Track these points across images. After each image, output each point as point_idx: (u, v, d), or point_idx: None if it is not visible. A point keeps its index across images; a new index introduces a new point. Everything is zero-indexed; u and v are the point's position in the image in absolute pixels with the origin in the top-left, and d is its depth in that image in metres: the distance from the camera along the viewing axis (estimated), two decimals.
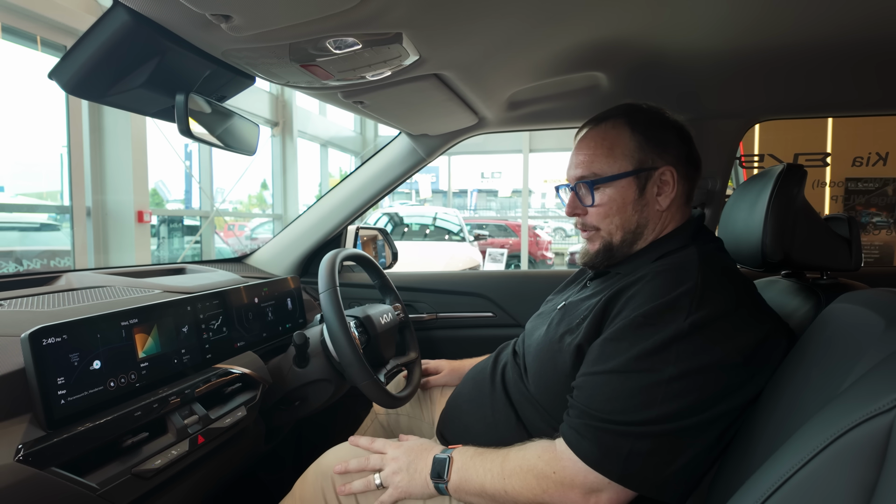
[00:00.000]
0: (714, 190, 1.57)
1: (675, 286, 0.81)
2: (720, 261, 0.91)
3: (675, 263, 0.88)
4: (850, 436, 0.48)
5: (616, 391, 0.78)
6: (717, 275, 0.85)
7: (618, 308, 0.85)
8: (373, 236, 1.96)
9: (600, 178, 0.95)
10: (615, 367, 0.79)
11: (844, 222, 1.02)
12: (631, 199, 0.94)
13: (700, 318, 0.77)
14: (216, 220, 7.75)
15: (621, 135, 0.96)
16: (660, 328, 0.78)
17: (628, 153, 0.94)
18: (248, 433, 1.09)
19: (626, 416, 0.76)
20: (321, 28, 0.78)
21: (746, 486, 0.57)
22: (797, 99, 1.40)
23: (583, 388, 0.82)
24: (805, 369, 0.75)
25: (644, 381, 0.76)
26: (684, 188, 0.97)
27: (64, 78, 0.82)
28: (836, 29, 0.96)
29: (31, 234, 5.13)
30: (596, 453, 0.76)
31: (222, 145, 1.06)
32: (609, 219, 0.95)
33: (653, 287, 0.83)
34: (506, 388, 1.03)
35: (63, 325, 0.77)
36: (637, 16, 0.93)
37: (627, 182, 0.94)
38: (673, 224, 0.97)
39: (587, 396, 0.80)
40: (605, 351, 0.82)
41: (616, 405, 0.77)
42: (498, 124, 1.57)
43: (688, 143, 0.98)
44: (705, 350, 0.76)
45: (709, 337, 0.77)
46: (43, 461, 0.69)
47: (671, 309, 0.79)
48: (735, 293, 0.83)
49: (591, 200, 0.96)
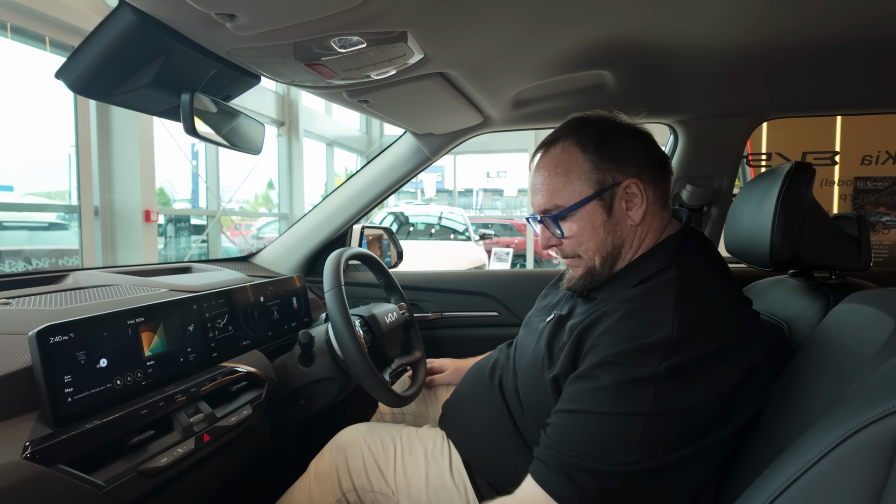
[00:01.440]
0: (721, 189, 1.57)
1: (649, 330, 0.76)
2: (704, 285, 0.83)
3: (653, 293, 0.82)
4: (858, 437, 0.48)
5: (589, 432, 0.74)
6: (698, 310, 0.78)
7: (590, 342, 0.81)
8: (378, 235, 1.96)
9: (564, 210, 0.90)
10: (587, 407, 0.75)
11: (853, 221, 1.01)
12: (600, 221, 0.89)
13: (676, 364, 0.73)
14: (223, 219, 7.79)
15: (573, 158, 0.90)
16: (633, 370, 0.74)
17: (584, 176, 0.89)
18: (253, 431, 1.09)
19: (598, 457, 0.72)
20: (326, 27, 0.78)
21: (753, 487, 0.56)
22: (805, 97, 1.39)
23: (556, 425, 0.78)
24: (813, 370, 0.74)
25: (617, 423, 0.73)
26: (656, 194, 0.91)
27: (70, 77, 0.83)
28: (844, 25, 0.95)
29: (39, 233, 5.18)
30: (565, 489, 0.72)
31: (228, 144, 1.06)
32: (584, 246, 0.91)
33: (626, 327, 0.78)
34: (503, 395, 1.02)
35: (70, 324, 0.77)
36: (643, 14, 0.92)
37: (592, 206, 0.89)
38: (651, 236, 0.91)
39: (560, 434, 0.77)
40: (578, 389, 0.78)
41: (589, 447, 0.73)
42: (503, 123, 1.57)
43: (647, 145, 0.92)
44: (682, 393, 0.72)
45: (685, 381, 0.73)
46: (50, 458, 0.69)
47: (644, 353, 0.74)
48: (715, 331, 0.77)
49: (560, 233, 0.92)
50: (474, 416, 1.05)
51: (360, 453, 1.07)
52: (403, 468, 1.04)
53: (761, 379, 0.77)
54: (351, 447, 1.09)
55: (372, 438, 1.09)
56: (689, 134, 1.56)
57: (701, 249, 0.91)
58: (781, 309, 1.01)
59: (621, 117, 0.95)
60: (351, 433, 1.13)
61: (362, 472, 1.05)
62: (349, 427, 1.15)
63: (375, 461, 1.06)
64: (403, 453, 1.06)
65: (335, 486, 1.06)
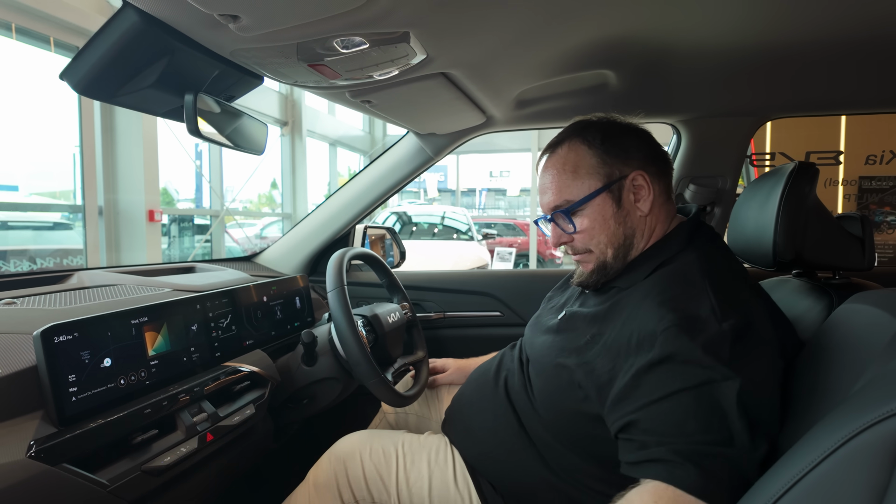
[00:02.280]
0: (724, 188, 1.56)
1: (688, 301, 0.77)
2: (723, 263, 0.87)
3: (677, 272, 0.84)
4: (862, 437, 0.47)
5: (690, 410, 0.70)
6: (725, 279, 0.81)
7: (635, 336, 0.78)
8: (381, 235, 1.96)
9: (574, 204, 0.92)
10: (676, 387, 0.71)
11: (857, 221, 1.01)
12: (611, 213, 0.91)
13: (733, 325, 0.73)
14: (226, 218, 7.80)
15: (580, 154, 0.93)
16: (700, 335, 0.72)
17: (593, 170, 0.92)
18: (256, 431, 1.10)
19: (712, 434, 0.68)
20: (328, 27, 0.78)
21: (757, 487, 0.56)
22: (809, 96, 1.38)
23: (648, 419, 0.73)
24: (817, 370, 0.74)
25: (715, 390, 0.69)
26: (660, 187, 0.94)
27: (75, 78, 0.83)
28: (848, 26, 0.95)
29: (44, 232, 5.20)
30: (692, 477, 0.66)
31: (231, 145, 1.06)
32: (596, 239, 0.92)
33: (662, 302, 0.78)
34: (509, 396, 1.02)
35: (74, 323, 0.78)
36: (646, 13, 0.92)
37: (602, 199, 0.91)
38: (661, 226, 0.94)
39: (660, 425, 0.72)
40: (653, 377, 0.74)
41: (696, 426, 0.69)
42: (506, 123, 1.57)
43: (649, 142, 0.96)
44: (753, 345, 0.73)
45: (748, 338, 0.73)
46: (54, 457, 0.69)
47: (698, 321, 0.74)
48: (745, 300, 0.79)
49: (572, 227, 0.94)
50: (479, 419, 1.05)
51: (359, 464, 1.05)
52: (406, 477, 1.03)
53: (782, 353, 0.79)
54: (350, 458, 1.07)
55: (373, 447, 1.08)
56: (692, 134, 1.56)
57: (712, 239, 0.93)
58: (785, 309, 1.00)
59: (617, 118, 0.98)
60: (349, 443, 1.10)
61: (362, 483, 1.04)
62: (347, 436, 1.13)
63: (377, 471, 1.04)
64: (405, 461, 1.05)
65: (335, 497, 1.05)
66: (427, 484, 1.01)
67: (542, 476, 0.92)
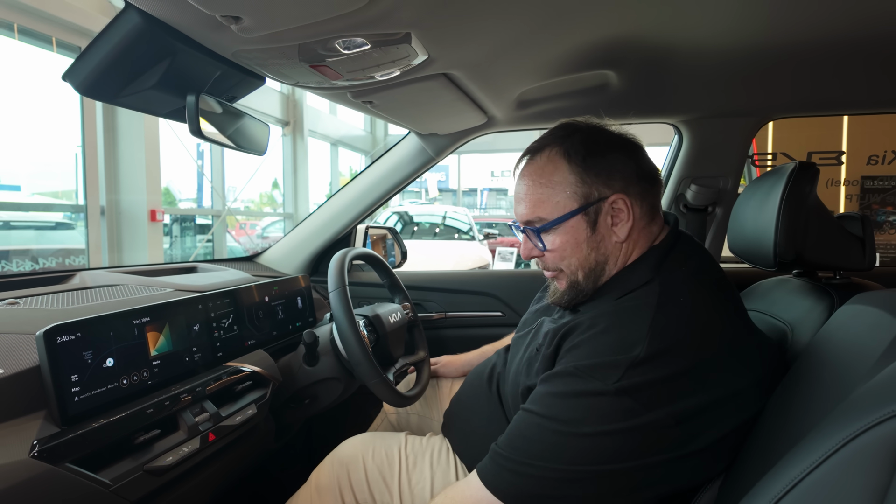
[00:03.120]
0: (726, 189, 1.56)
1: (619, 348, 0.74)
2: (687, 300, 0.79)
3: (631, 310, 0.79)
4: (862, 439, 0.47)
5: (530, 432, 0.76)
6: (677, 326, 0.75)
7: (563, 351, 0.81)
8: (382, 235, 1.96)
9: (546, 224, 0.86)
10: (535, 409, 0.78)
11: (858, 221, 1.01)
12: (583, 237, 0.85)
13: (631, 384, 0.71)
14: (228, 218, 7.81)
15: (559, 169, 0.86)
16: (585, 383, 0.73)
17: (570, 190, 0.85)
18: (258, 431, 1.10)
19: (530, 457, 0.74)
20: (330, 28, 0.78)
21: (757, 489, 0.56)
22: (811, 96, 1.38)
23: (513, 420, 0.82)
24: (817, 371, 0.74)
25: (555, 429, 0.74)
26: (643, 209, 0.86)
27: (77, 79, 0.84)
28: (850, 25, 0.95)
29: (46, 232, 5.21)
30: (497, 481, 0.76)
31: (233, 145, 1.06)
32: (566, 261, 0.87)
33: (598, 343, 0.77)
34: (502, 402, 1.02)
35: (77, 324, 0.78)
36: (647, 13, 0.92)
37: (576, 221, 0.85)
38: (638, 251, 0.87)
39: (509, 430, 0.80)
40: (537, 390, 0.80)
41: (525, 445, 0.76)
42: (507, 123, 1.57)
43: (637, 158, 0.87)
44: (629, 413, 0.70)
45: (638, 401, 0.70)
46: (57, 457, 0.70)
47: (604, 369, 0.73)
48: (690, 350, 0.73)
49: (542, 245, 0.89)
50: (475, 424, 1.05)
51: (362, 467, 1.06)
52: (408, 478, 1.03)
53: (738, 407, 0.75)
54: (353, 461, 1.07)
55: (375, 450, 1.08)
56: (693, 134, 1.55)
57: (686, 259, 0.86)
58: (785, 309, 1.00)
59: (611, 126, 0.91)
60: (352, 446, 1.11)
61: (365, 486, 1.04)
62: (349, 440, 1.13)
63: (379, 473, 1.05)
64: (408, 463, 1.05)
65: (337, 500, 1.05)
66: (429, 485, 1.02)
67: None
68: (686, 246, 0.89)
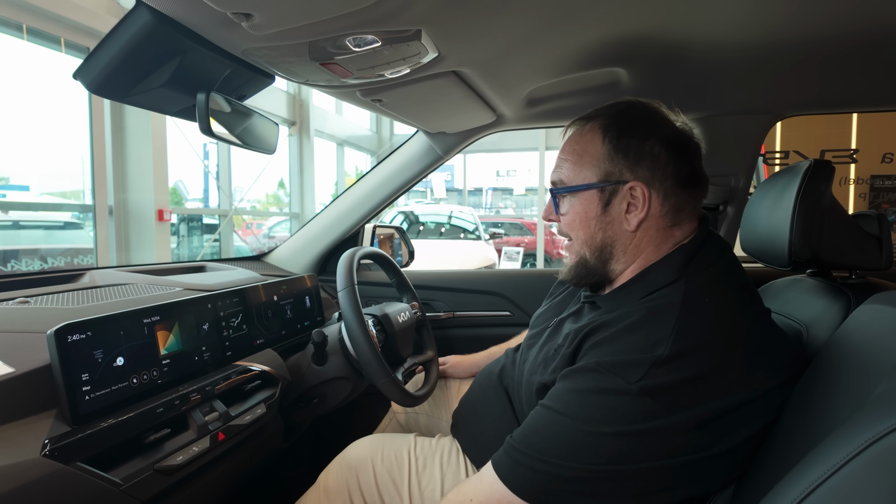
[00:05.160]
0: (737, 187, 1.55)
1: (644, 347, 0.73)
2: (713, 302, 0.77)
3: (656, 311, 0.77)
4: (884, 441, 0.46)
5: (548, 429, 0.75)
6: (703, 327, 0.74)
7: (585, 349, 0.80)
8: (389, 234, 1.96)
9: (563, 188, 0.88)
10: (554, 405, 0.76)
11: (874, 220, 1.00)
12: (594, 213, 0.85)
13: (654, 384, 0.69)
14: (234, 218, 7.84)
15: (593, 141, 0.86)
16: (607, 381, 0.72)
17: (596, 162, 0.85)
18: (267, 430, 1.10)
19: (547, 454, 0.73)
20: (341, 26, 0.78)
21: (776, 490, 0.55)
22: (824, 94, 1.36)
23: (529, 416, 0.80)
24: (836, 372, 0.72)
25: (574, 427, 0.72)
26: (665, 208, 0.83)
27: (88, 78, 0.84)
28: (864, 22, 0.94)
29: (55, 232, 5.25)
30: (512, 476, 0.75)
31: (242, 144, 1.06)
32: (575, 231, 0.88)
33: (623, 341, 0.75)
34: (512, 403, 1.01)
35: (87, 322, 0.78)
36: (658, 10, 0.91)
37: (590, 195, 0.85)
38: (652, 249, 0.85)
39: (526, 424, 0.79)
40: (557, 386, 0.79)
41: (542, 442, 0.74)
42: (516, 121, 1.56)
43: (679, 155, 0.84)
44: (651, 415, 0.69)
45: (660, 402, 0.69)
46: (68, 456, 0.70)
47: (627, 367, 0.72)
48: (716, 352, 0.72)
49: (557, 209, 0.90)
50: (484, 426, 1.04)
51: (371, 470, 1.04)
52: (418, 481, 1.02)
53: (762, 411, 0.73)
54: (362, 465, 1.06)
55: (384, 453, 1.07)
56: (704, 131, 1.54)
57: (716, 259, 0.84)
58: (799, 309, 0.99)
59: (671, 117, 0.88)
60: (360, 449, 1.09)
61: (374, 489, 1.03)
62: (357, 442, 1.12)
63: (389, 476, 1.03)
64: (417, 466, 1.04)
65: (346, 503, 1.04)
66: (440, 487, 1.01)
67: None
68: (715, 247, 0.86)
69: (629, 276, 0.86)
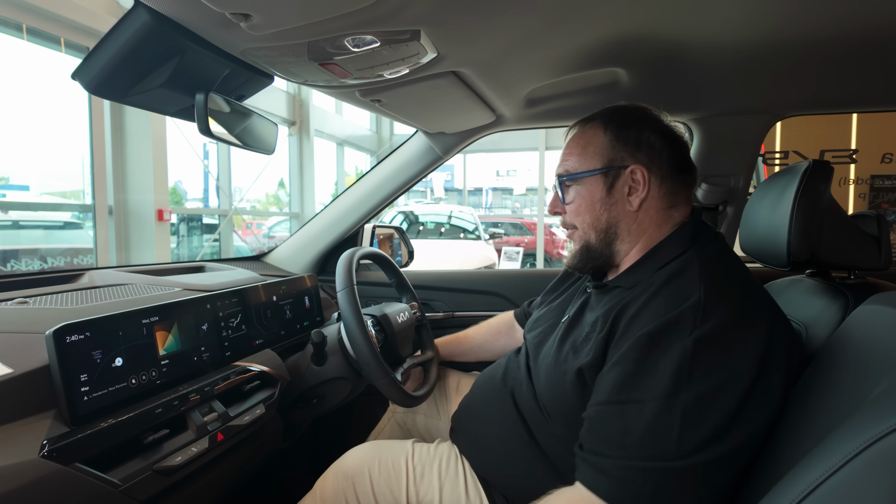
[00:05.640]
0: (736, 188, 1.55)
1: (677, 302, 0.77)
2: (720, 265, 0.85)
3: (677, 272, 0.84)
4: (883, 442, 0.46)
5: (631, 423, 0.73)
6: (722, 283, 0.80)
7: (622, 328, 0.81)
8: (389, 235, 1.96)
9: (569, 175, 0.95)
10: (627, 396, 0.74)
11: (873, 220, 1.00)
12: (599, 196, 0.93)
13: (705, 333, 0.73)
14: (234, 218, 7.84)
15: (595, 134, 0.95)
16: (666, 348, 0.74)
17: (599, 151, 0.93)
18: (266, 431, 1.10)
19: (646, 450, 0.71)
20: (339, 26, 0.78)
21: (775, 492, 0.55)
22: (824, 94, 1.36)
23: (595, 419, 0.77)
24: (835, 372, 0.72)
25: (659, 410, 0.71)
26: (663, 189, 0.91)
27: (86, 78, 0.84)
28: (865, 21, 0.94)
29: (55, 232, 5.24)
30: (620, 492, 0.70)
31: (241, 144, 1.06)
32: (581, 217, 0.95)
33: (656, 304, 0.79)
34: (517, 405, 1.00)
35: (86, 323, 0.78)
36: (657, 10, 0.91)
37: (595, 179, 0.93)
38: (654, 229, 0.92)
39: (601, 429, 0.76)
40: (615, 378, 0.77)
41: (633, 438, 0.72)
42: (515, 122, 1.56)
43: (672, 144, 0.93)
44: (716, 368, 0.72)
45: (717, 351, 0.73)
46: (67, 457, 0.69)
47: (676, 325, 0.75)
48: (741, 301, 0.78)
49: (562, 198, 0.97)
50: (486, 430, 1.02)
51: (367, 479, 1.03)
52: (416, 490, 1.00)
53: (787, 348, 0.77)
54: (358, 473, 1.04)
55: (381, 462, 1.05)
56: (704, 132, 1.54)
57: (714, 239, 0.92)
58: (799, 309, 0.99)
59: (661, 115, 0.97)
60: (356, 457, 1.07)
61: (371, 498, 1.01)
62: (353, 450, 1.10)
63: (386, 486, 1.02)
64: (415, 474, 1.02)
65: None
66: (438, 496, 0.99)
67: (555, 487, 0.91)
68: (710, 230, 0.94)
69: (636, 255, 0.92)
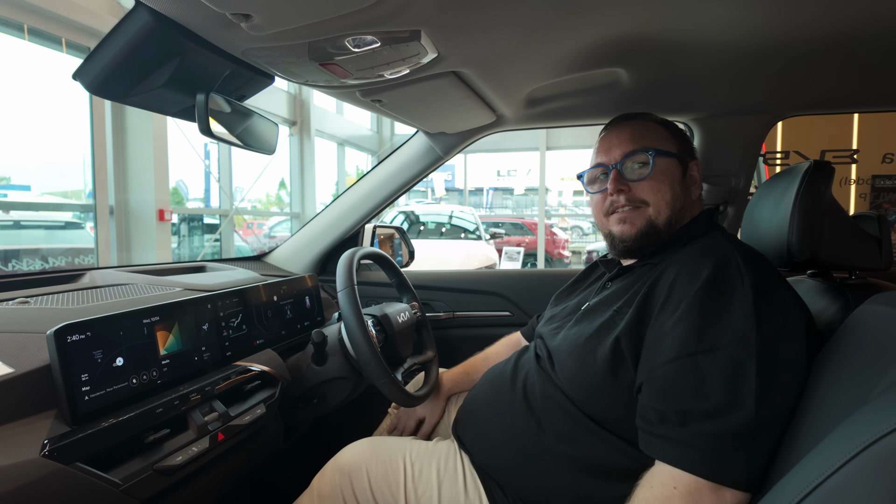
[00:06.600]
0: (737, 188, 1.54)
1: (719, 262, 0.82)
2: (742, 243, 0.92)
3: (706, 243, 0.90)
4: (883, 443, 0.46)
5: (705, 373, 0.72)
6: (748, 251, 0.87)
7: (664, 294, 0.82)
8: (390, 235, 1.96)
9: (654, 150, 0.96)
10: (697, 348, 0.74)
11: (874, 220, 0.99)
12: (678, 178, 0.98)
13: (755, 282, 0.77)
14: (235, 218, 7.84)
15: (656, 128, 1.01)
16: (729, 298, 0.76)
17: (672, 139, 1.00)
18: (266, 430, 1.10)
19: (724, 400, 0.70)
20: (340, 26, 0.78)
21: (776, 490, 0.55)
22: (824, 94, 1.36)
23: (664, 377, 0.75)
24: (835, 372, 0.72)
25: (732, 354, 0.72)
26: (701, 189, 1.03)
27: (87, 78, 0.84)
28: (866, 21, 0.94)
29: (56, 232, 5.25)
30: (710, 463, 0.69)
31: (242, 144, 1.06)
32: (660, 194, 0.95)
33: (697, 266, 0.83)
34: (526, 395, 0.99)
35: (87, 323, 0.78)
36: (658, 11, 0.91)
37: (674, 162, 0.98)
38: (691, 216, 1.00)
39: (673, 385, 0.74)
40: (681, 335, 0.75)
41: (710, 387, 0.71)
42: (516, 122, 1.56)
43: None
44: (773, 304, 0.76)
45: (769, 295, 0.77)
46: (67, 456, 0.70)
47: (727, 279, 0.79)
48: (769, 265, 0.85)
49: (647, 171, 0.95)
50: (496, 422, 1.01)
51: (365, 476, 1.02)
52: (414, 488, 1.00)
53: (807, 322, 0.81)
54: (356, 470, 1.03)
55: (378, 458, 1.04)
56: (705, 132, 1.54)
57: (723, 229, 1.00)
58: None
59: None
60: (354, 453, 1.06)
61: (369, 495, 1.00)
62: (351, 446, 1.09)
63: (384, 483, 1.01)
64: (413, 472, 1.01)
65: None
66: (437, 494, 0.98)
67: (560, 479, 0.90)
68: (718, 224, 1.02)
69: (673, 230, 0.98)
